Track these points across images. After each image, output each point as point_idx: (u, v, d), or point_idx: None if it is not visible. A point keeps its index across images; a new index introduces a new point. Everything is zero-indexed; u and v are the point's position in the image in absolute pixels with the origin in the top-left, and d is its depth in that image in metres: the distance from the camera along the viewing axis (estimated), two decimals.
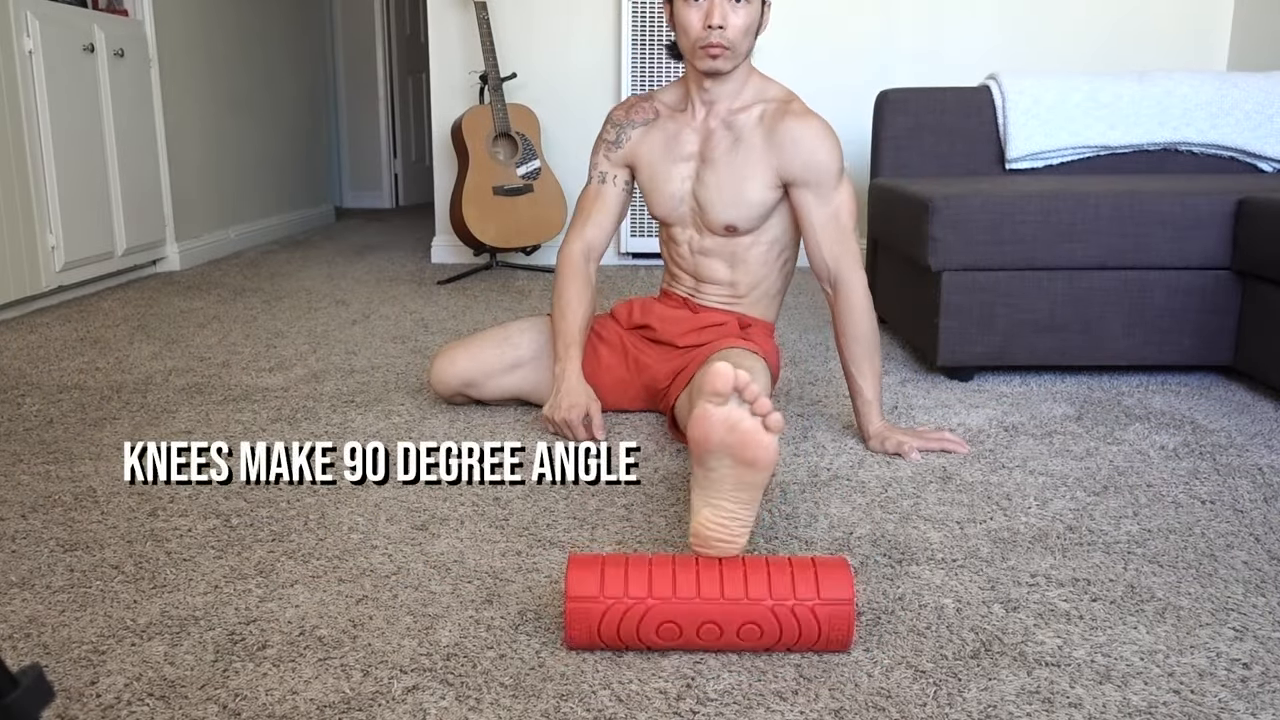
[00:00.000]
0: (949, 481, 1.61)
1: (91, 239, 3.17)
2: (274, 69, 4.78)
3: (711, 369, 1.08)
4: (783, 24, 3.85)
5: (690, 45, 1.74)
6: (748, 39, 1.74)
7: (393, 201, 6.74)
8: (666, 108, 1.88)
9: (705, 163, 1.82)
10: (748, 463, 1.09)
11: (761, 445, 1.08)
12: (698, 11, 1.71)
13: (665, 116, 1.87)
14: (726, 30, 1.69)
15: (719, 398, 1.08)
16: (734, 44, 1.71)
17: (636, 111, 1.90)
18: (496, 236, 3.58)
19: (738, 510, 1.11)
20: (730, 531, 1.10)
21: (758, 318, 1.90)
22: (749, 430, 1.08)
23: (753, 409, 1.08)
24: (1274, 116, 2.62)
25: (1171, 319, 2.16)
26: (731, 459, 1.09)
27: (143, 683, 1.03)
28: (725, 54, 1.72)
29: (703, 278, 1.90)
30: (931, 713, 0.99)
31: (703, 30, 1.70)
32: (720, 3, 1.69)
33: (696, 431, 1.10)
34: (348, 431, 1.85)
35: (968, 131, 2.72)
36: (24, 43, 2.84)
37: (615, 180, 1.91)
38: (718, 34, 1.69)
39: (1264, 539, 1.39)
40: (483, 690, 1.02)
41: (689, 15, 1.72)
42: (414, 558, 1.32)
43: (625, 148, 1.89)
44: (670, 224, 1.90)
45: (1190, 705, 1.00)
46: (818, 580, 1.06)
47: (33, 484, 1.59)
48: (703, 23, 1.70)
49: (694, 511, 1.13)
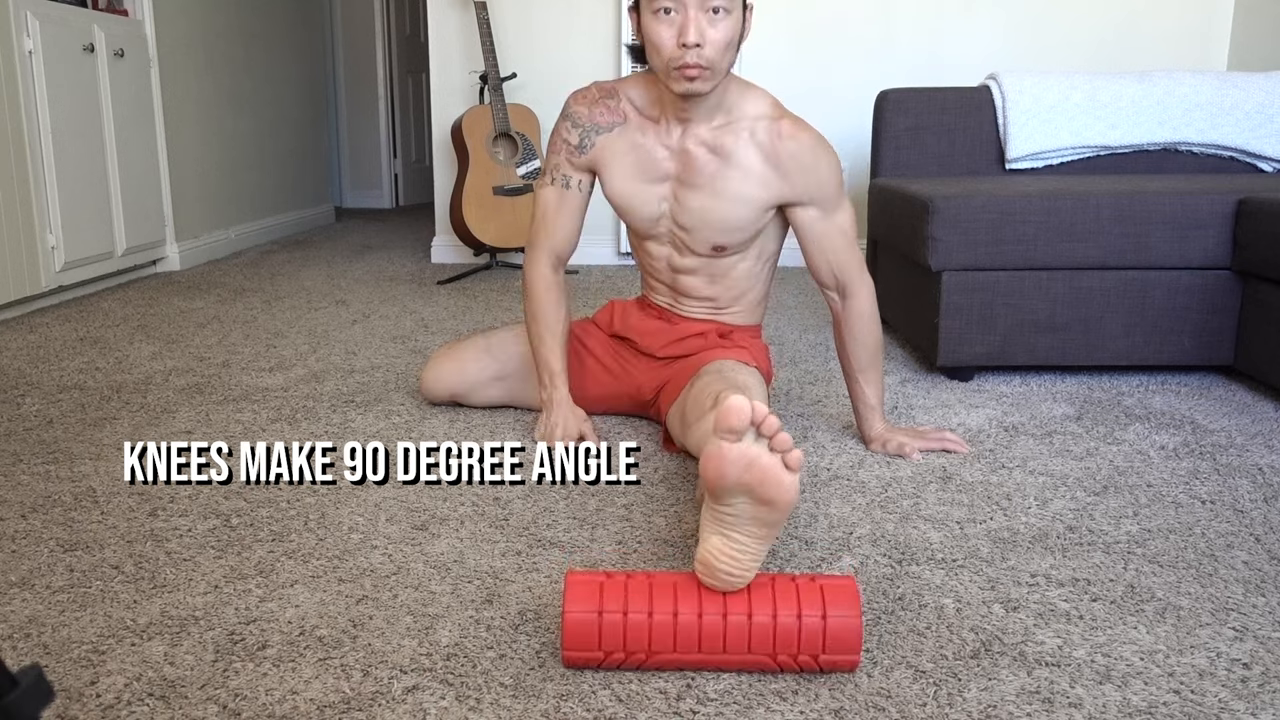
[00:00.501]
0: (949, 481, 1.61)
1: (91, 239, 3.17)
2: (274, 69, 4.78)
3: (727, 405, 0.99)
4: (783, 24, 3.85)
5: (662, 64, 1.53)
6: (729, 54, 1.54)
7: (393, 201, 6.74)
8: (635, 110, 1.69)
9: (685, 185, 1.67)
10: (766, 501, 1.01)
11: (781, 484, 1.00)
12: (670, 27, 1.50)
13: (634, 123, 1.68)
14: (704, 48, 1.49)
15: (734, 435, 0.99)
16: (713, 63, 1.51)
17: (601, 112, 1.70)
18: (496, 236, 3.58)
19: (751, 544, 1.03)
20: (740, 564, 1.03)
21: (740, 325, 1.82)
22: (767, 468, 1.00)
23: (771, 445, 1.00)
24: (1274, 116, 2.62)
25: (1171, 319, 2.16)
26: (749, 498, 1.02)
27: (143, 683, 1.03)
28: (704, 74, 1.52)
29: (682, 291, 1.80)
30: (931, 713, 0.99)
31: (677, 49, 1.50)
32: (696, 16, 1.48)
33: (710, 470, 1.01)
34: (348, 431, 1.85)
35: (968, 131, 2.72)
36: (24, 43, 2.84)
37: (579, 185, 1.75)
38: (694, 53, 1.49)
39: (1264, 539, 1.39)
40: (483, 690, 1.02)
41: (660, 31, 1.51)
42: (414, 558, 1.32)
43: (590, 154, 1.71)
44: (644, 239, 1.78)
45: (1190, 705, 1.00)
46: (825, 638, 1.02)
47: (33, 484, 1.59)
48: (676, 40, 1.49)
49: (703, 538, 1.05)
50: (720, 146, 1.63)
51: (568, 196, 1.76)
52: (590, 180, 1.76)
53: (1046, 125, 2.66)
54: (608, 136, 1.70)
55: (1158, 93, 2.64)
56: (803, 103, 3.89)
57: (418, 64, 6.68)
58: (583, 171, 1.74)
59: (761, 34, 3.84)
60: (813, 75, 3.87)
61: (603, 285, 3.46)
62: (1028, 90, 2.67)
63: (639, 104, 1.68)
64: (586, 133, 1.71)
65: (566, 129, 1.72)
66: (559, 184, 1.75)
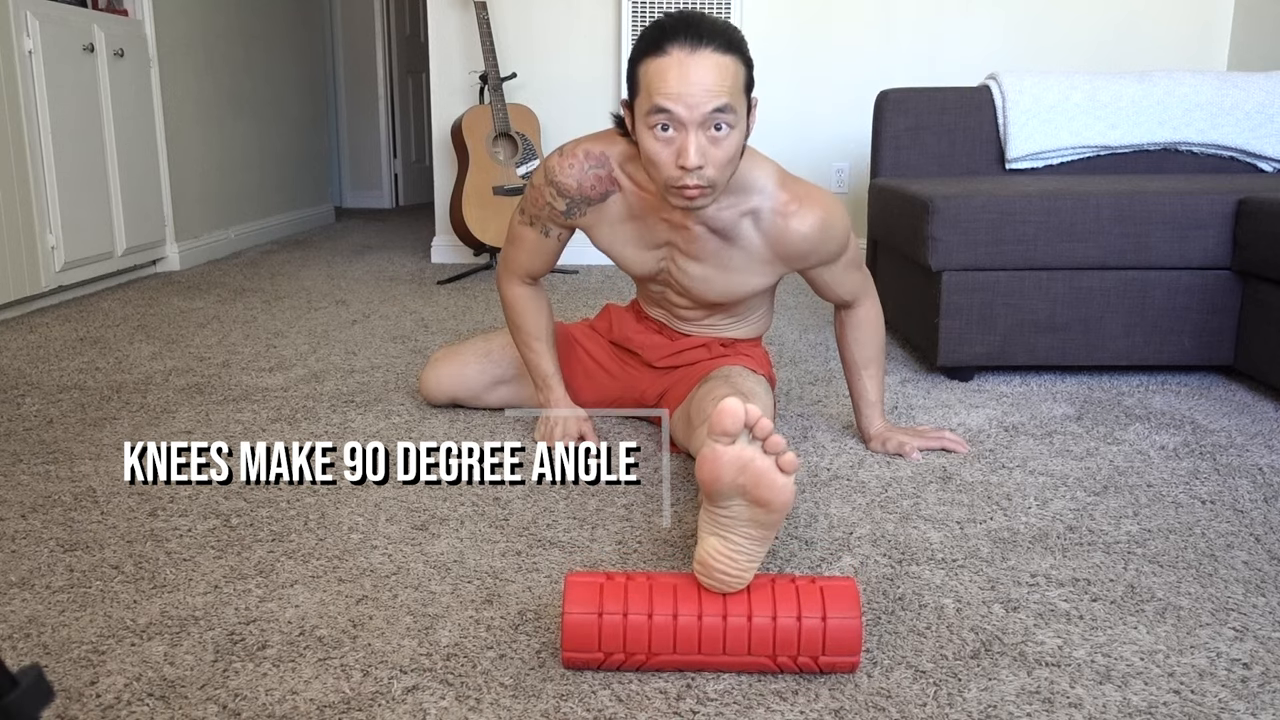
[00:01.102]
0: (949, 481, 1.61)
1: (91, 239, 3.17)
2: (274, 69, 4.78)
3: (721, 406, 0.99)
4: (783, 24, 3.85)
5: (659, 180, 1.39)
6: (731, 166, 1.39)
7: (393, 201, 6.74)
8: (629, 181, 1.54)
9: (686, 255, 1.59)
10: (761, 503, 1.01)
11: (775, 486, 1.00)
12: (668, 146, 1.34)
13: (628, 191, 1.55)
14: (707, 169, 1.35)
15: (728, 437, 0.99)
16: (716, 182, 1.37)
17: (591, 184, 1.55)
18: (496, 236, 3.57)
19: (748, 545, 1.03)
20: (737, 565, 1.02)
21: (741, 337, 1.79)
22: (762, 470, 0.99)
23: (765, 447, 1.00)
24: (1274, 116, 2.62)
25: (1171, 319, 2.16)
26: (744, 499, 1.01)
27: (143, 683, 1.03)
28: (705, 194, 1.38)
29: (679, 317, 1.76)
30: (931, 713, 0.99)
31: (675, 170, 1.35)
32: (696, 135, 1.32)
33: (705, 473, 1.01)
34: (348, 431, 1.85)
35: (968, 131, 2.72)
36: (24, 43, 2.84)
37: (559, 237, 1.66)
38: (695, 175, 1.35)
39: (1264, 539, 1.39)
40: (483, 690, 1.02)
41: (655, 148, 1.35)
42: (414, 558, 1.32)
43: (577, 219, 1.61)
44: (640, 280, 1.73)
45: (1190, 705, 1.00)
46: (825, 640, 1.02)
47: (33, 484, 1.59)
48: (675, 160, 1.34)
49: (701, 539, 1.05)
50: (723, 228, 1.53)
51: (545, 243, 1.67)
52: (571, 232, 1.67)
53: (1046, 125, 2.66)
54: (598, 207, 1.58)
55: (1158, 93, 2.64)
56: (803, 102, 3.89)
57: (418, 64, 6.68)
58: (566, 229, 1.66)
59: (762, 34, 3.84)
60: (813, 75, 3.87)
61: (602, 285, 3.46)
62: (1028, 90, 2.67)
63: (634, 175, 1.55)
64: (575, 204, 1.59)
65: (551, 194, 1.59)
66: (538, 231, 1.66)
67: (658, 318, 1.82)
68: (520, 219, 1.68)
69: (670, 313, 1.78)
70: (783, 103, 3.90)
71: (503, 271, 1.76)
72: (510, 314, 1.76)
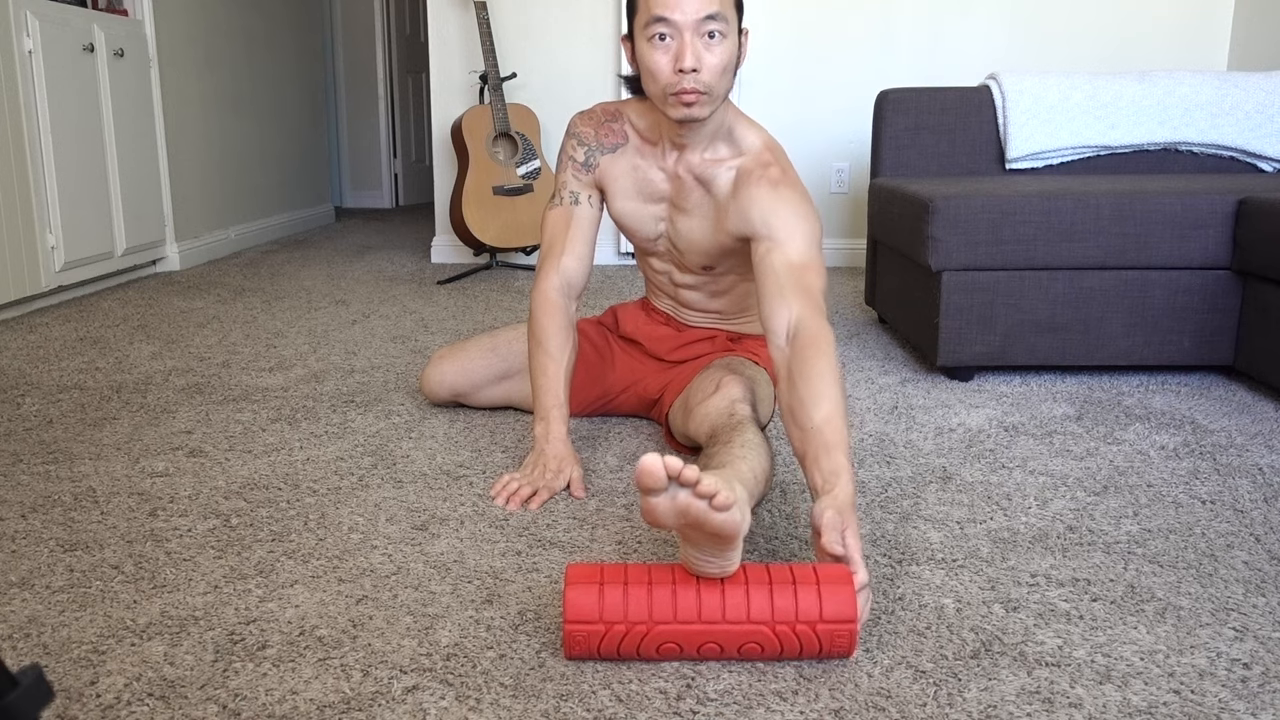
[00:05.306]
0: (949, 481, 1.61)
1: (91, 239, 3.17)
2: (274, 69, 4.78)
3: (640, 466, 0.98)
4: (783, 24, 3.85)
5: (659, 91, 1.50)
6: (726, 78, 1.50)
7: (393, 201, 6.74)
8: (637, 134, 1.68)
9: (678, 209, 1.66)
10: (712, 535, 1.02)
11: (716, 523, 0.99)
12: (665, 53, 1.47)
13: (634, 145, 1.68)
14: (702, 73, 1.45)
15: (654, 493, 0.99)
16: (711, 87, 1.47)
17: (606, 134, 1.70)
18: (496, 236, 3.58)
19: (723, 552, 1.05)
20: (718, 566, 1.06)
21: (749, 333, 1.83)
22: (700, 512, 0.99)
23: (695, 493, 0.99)
24: (1274, 116, 2.62)
25: (1171, 319, 2.16)
26: (697, 533, 1.03)
27: (143, 683, 1.03)
28: (702, 99, 1.48)
29: (685, 303, 1.81)
30: (931, 713, 0.99)
31: (673, 75, 1.46)
32: (692, 40, 1.44)
33: (649, 521, 1.02)
34: (348, 431, 1.85)
35: (968, 131, 2.72)
36: (24, 43, 2.84)
37: (590, 200, 1.72)
38: (691, 79, 1.45)
39: (1264, 539, 1.39)
40: (483, 690, 1.02)
41: (655, 57, 1.48)
42: (414, 558, 1.32)
43: (595, 172, 1.71)
44: (647, 254, 1.79)
45: (1190, 705, 1.00)
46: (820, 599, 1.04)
47: (33, 484, 1.59)
48: (673, 66, 1.46)
49: (680, 544, 1.08)
50: (706, 178, 1.61)
51: (578, 214, 1.71)
52: (600, 198, 1.73)
53: (1046, 125, 2.66)
54: (610, 157, 1.69)
55: (1158, 93, 2.64)
56: (803, 102, 3.89)
57: (418, 64, 6.68)
58: (591, 188, 1.72)
59: (762, 34, 3.84)
60: (813, 75, 3.87)
61: (602, 285, 3.46)
62: (1028, 90, 2.67)
63: (639, 127, 1.67)
64: (591, 151, 1.70)
65: (573, 147, 1.72)
66: (568, 201, 1.72)
67: (665, 309, 1.85)
68: (548, 208, 1.75)
69: (676, 300, 1.81)
70: (783, 103, 3.90)
71: (536, 277, 1.72)
72: (534, 325, 1.68)
